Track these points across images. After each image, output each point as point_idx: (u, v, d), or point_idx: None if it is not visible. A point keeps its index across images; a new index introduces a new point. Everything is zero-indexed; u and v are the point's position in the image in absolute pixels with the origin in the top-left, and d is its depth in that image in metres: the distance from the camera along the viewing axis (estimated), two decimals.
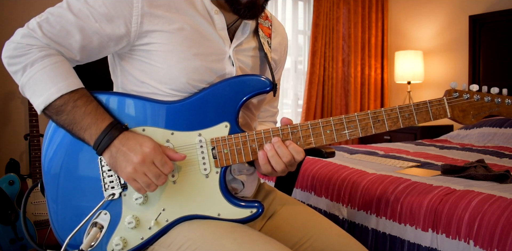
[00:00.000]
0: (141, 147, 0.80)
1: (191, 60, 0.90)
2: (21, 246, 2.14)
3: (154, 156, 0.80)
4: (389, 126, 0.89)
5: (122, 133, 0.83)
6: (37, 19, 0.85)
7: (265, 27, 1.04)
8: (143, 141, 0.82)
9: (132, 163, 0.80)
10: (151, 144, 0.81)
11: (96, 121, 0.83)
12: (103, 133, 0.82)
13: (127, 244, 0.86)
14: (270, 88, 0.89)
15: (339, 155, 2.16)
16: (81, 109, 0.83)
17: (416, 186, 1.47)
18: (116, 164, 0.82)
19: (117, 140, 0.82)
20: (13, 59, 0.84)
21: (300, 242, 0.98)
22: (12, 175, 2.17)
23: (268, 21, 1.06)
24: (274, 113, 1.20)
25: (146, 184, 0.81)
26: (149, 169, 0.80)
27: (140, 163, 0.79)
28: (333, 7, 3.87)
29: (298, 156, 0.87)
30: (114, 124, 0.83)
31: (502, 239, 1.14)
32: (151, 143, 0.82)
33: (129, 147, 0.81)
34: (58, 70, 0.84)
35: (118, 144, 0.82)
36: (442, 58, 3.81)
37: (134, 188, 0.83)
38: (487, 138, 2.77)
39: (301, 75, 3.93)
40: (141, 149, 0.80)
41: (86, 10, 0.85)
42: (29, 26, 0.85)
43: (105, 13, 0.85)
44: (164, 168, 0.81)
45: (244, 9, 0.91)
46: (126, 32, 0.87)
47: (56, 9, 0.86)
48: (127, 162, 0.80)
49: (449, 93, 0.92)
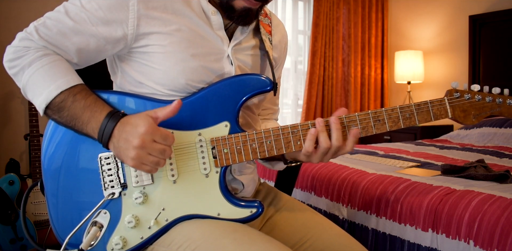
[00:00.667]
0: (137, 129, 0.77)
1: (189, 61, 0.90)
2: (21, 246, 2.14)
3: (152, 134, 0.77)
4: (390, 126, 0.89)
5: (119, 121, 0.80)
6: (34, 24, 0.87)
7: (265, 24, 1.04)
8: (138, 122, 0.78)
9: (133, 147, 0.77)
10: (145, 123, 0.77)
11: (94, 113, 0.82)
12: (102, 125, 0.80)
13: (127, 244, 0.86)
14: (270, 87, 0.89)
15: None
16: (80, 103, 0.83)
17: (416, 186, 1.47)
18: (120, 154, 0.80)
19: (116, 130, 0.80)
20: (12, 62, 0.86)
21: (300, 242, 0.98)
22: (12, 175, 2.17)
23: (267, 19, 1.06)
24: (275, 111, 1.21)
25: (154, 163, 0.78)
26: (152, 148, 0.77)
27: (141, 145, 0.76)
28: (333, 7, 3.87)
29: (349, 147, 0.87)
30: (112, 114, 0.81)
31: (502, 239, 1.14)
32: (145, 121, 0.77)
33: (127, 133, 0.78)
34: (56, 69, 0.84)
35: (117, 133, 0.79)
36: (442, 58, 3.81)
37: (145, 171, 0.80)
38: (487, 138, 2.77)
39: (301, 75, 3.93)
40: (137, 131, 0.77)
41: (83, 14, 0.86)
42: (27, 30, 0.87)
43: (102, 17, 0.86)
44: (166, 141, 0.78)
45: (238, 16, 0.91)
46: (123, 35, 0.88)
47: (54, 13, 0.87)
48: (128, 148, 0.77)
49: (450, 93, 0.92)
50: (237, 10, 0.90)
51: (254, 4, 0.90)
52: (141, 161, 0.78)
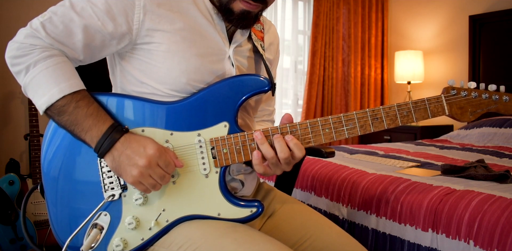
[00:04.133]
0: (145, 149, 0.80)
1: (192, 61, 0.90)
2: (21, 246, 2.14)
3: (158, 158, 0.81)
4: (388, 123, 0.89)
5: (123, 135, 0.83)
6: (40, 19, 0.85)
7: (257, 31, 1.04)
8: (146, 143, 0.82)
9: (137, 166, 0.80)
10: (154, 146, 0.81)
11: (97, 123, 0.82)
12: (104, 136, 0.81)
13: (128, 245, 0.86)
14: (268, 87, 0.89)
15: (339, 155, 2.16)
16: (83, 110, 0.83)
17: (416, 186, 1.47)
18: (120, 168, 0.82)
19: (119, 143, 0.81)
20: (16, 59, 0.84)
21: (300, 242, 0.98)
22: (12, 175, 2.17)
23: (260, 25, 1.07)
24: (271, 112, 1.21)
25: (151, 185, 0.82)
26: (154, 171, 0.80)
27: (146, 166, 0.80)
28: (333, 7, 3.87)
29: (300, 152, 0.86)
30: (115, 126, 0.83)
31: (502, 239, 1.14)
32: (154, 144, 0.82)
33: (133, 150, 0.81)
34: (60, 71, 0.84)
35: (120, 147, 0.81)
36: (442, 58, 3.81)
37: (140, 190, 0.83)
38: (487, 138, 2.77)
39: (301, 75, 3.93)
40: (145, 152, 0.80)
41: (89, 8, 0.85)
42: (32, 26, 0.85)
43: (107, 11, 0.86)
44: (168, 168, 0.82)
45: (237, 19, 0.91)
46: (128, 30, 0.87)
47: (59, 8, 0.86)
48: (132, 165, 0.80)
49: (446, 91, 0.92)
50: (235, 13, 0.90)
51: (253, 7, 0.90)
52: (140, 180, 0.81)
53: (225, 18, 0.93)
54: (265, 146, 0.85)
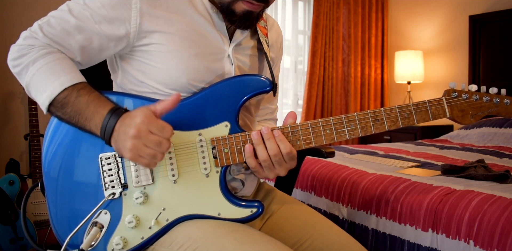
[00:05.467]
0: (133, 120, 0.75)
1: (192, 61, 0.90)
2: (21, 246, 2.14)
3: (148, 124, 0.74)
4: (389, 125, 0.90)
5: (121, 116, 0.79)
6: (39, 22, 0.88)
7: (262, 27, 1.04)
8: (136, 113, 0.77)
9: (129, 138, 0.75)
10: (142, 113, 0.76)
11: (98, 108, 0.81)
12: (105, 120, 0.79)
13: (128, 244, 0.86)
14: (270, 88, 0.89)
15: (339, 155, 2.16)
16: (84, 98, 0.82)
17: (416, 186, 1.47)
18: (119, 147, 0.78)
19: (118, 124, 0.78)
20: (16, 60, 0.86)
21: (300, 242, 0.98)
22: (12, 175, 2.17)
23: (263, 21, 1.07)
24: (273, 111, 1.21)
25: (151, 156, 0.76)
26: (147, 139, 0.74)
27: (137, 135, 0.74)
28: (333, 7, 3.87)
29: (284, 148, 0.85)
30: (115, 109, 0.80)
31: (502, 239, 1.14)
32: (142, 112, 0.76)
33: (125, 125, 0.77)
34: (60, 66, 0.84)
35: (118, 127, 0.78)
36: (442, 58, 3.81)
37: (143, 164, 0.78)
38: (487, 138, 2.77)
39: (301, 75, 3.94)
40: (133, 122, 0.75)
41: (86, 12, 0.87)
42: (31, 29, 0.88)
43: (105, 15, 0.87)
44: (163, 132, 0.75)
45: (239, 20, 0.91)
46: (125, 33, 0.88)
47: (57, 12, 0.88)
48: (125, 140, 0.76)
49: (448, 93, 0.92)
50: (238, 13, 0.90)
51: (255, 7, 0.90)
52: (137, 153, 0.75)
53: (227, 19, 0.93)
54: (260, 147, 0.86)
